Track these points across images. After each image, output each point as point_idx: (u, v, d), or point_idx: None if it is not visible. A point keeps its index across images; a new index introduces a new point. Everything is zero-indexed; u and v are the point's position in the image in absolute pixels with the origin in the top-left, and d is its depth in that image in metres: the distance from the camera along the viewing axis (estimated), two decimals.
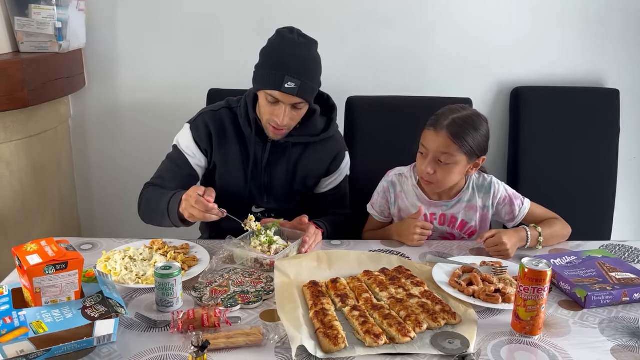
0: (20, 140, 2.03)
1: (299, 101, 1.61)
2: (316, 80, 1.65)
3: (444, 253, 1.61)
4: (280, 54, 1.60)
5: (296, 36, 1.61)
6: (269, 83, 1.59)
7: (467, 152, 1.59)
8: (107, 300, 1.13)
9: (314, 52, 1.64)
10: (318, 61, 1.66)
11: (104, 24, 2.30)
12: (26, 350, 1.03)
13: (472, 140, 1.58)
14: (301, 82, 1.57)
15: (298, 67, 1.58)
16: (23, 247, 1.15)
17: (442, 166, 1.60)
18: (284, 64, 1.58)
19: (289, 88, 1.57)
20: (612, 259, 1.51)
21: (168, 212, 1.56)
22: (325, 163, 1.81)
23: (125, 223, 2.53)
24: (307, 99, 1.62)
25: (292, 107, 1.62)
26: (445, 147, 1.58)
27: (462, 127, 1.58)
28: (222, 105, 1.78)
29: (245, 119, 1.72)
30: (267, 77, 1.60)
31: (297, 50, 1.60)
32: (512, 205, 1.71)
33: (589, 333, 1.21)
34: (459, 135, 1.57)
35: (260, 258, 1.47)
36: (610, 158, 2.38)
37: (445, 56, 2.37)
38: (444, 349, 1.12)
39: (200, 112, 1.78)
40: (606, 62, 2.42)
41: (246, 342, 1.13)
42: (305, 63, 1.60)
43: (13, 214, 2.04)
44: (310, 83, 1.60)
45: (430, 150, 1.60)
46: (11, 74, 1.83)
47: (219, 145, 1.74)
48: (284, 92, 1.58)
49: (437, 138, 1.59)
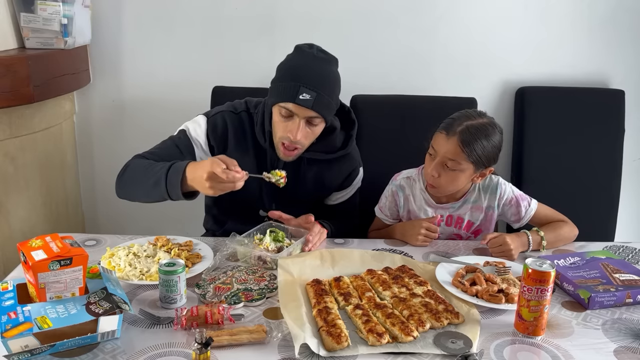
0: (25, 136, 2.04)
1: (314, 115, 1.53)
2: (334, 96, 1.57)
3: (448, 252, 1.61)
4: (297, 67, 1.55)
5: (315, 51, 1.56)
6: (283, 95, 1.52)
7: (474, 161, 1.57)
8: (111, 296, 1.13)
9: (333, 68, 1.58)
10: (337, 78, 1.59)
11: (110, 20, 2.31)
12: (30, 345, 1.03)
13: (481, 150, 1.56)
14: (317, 94, 1.50)
15: (314, 79, 1.51)
16: (28, 243, 1.15)
17: (448, 171, 1.60)
18: (299, 75, 1.51)
19: (304, 100, 1.49)
20: (616, 260, 1.50)
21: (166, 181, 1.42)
22: (338, 180, 1.76)
23: (129, 219, 2.54)
24: (322, 113, 1.54)
25: (307, 122, 1.55)
26: (453, 154, 1.57)
27: (473, 136, 1.55)
28: (243, 109, 1.70)
29: (261, 129, 1.66)
30: (282, 90, 1.53)
31: (314, 63, 1.54)
32: (518, 206, 1.71)
33: (592, 334, 1.21)
34: (469, 143, 1.55)
35: (264, 256, 1.47)
36: (614, 159, 2.37)
37: (450, 55, 2.36)
38: (446, 349, 1.12)
39: (220, 110, 1.70)
40: (611, 62, 2.42)
41: (249, 340, 1.13)
42: (323, 76, 1.54)
43: (18, 210, 2.05)
44: (326, 97, 1.53)
45: (439, 154, 1.60)
46: (17, 69, 1.83)
47: (236, 148, 1.67)
48: (298, 104, 1.50)
49: (447, 143, 1.57)
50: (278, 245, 1.52)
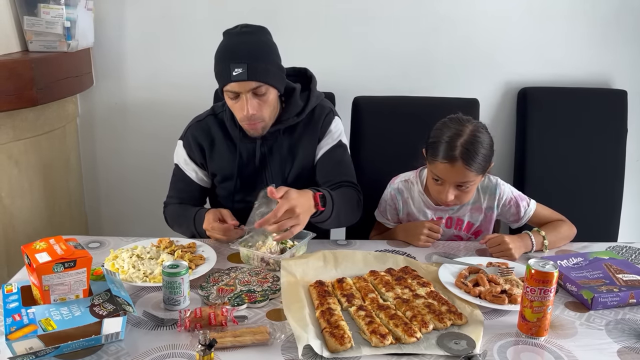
0: (29, 139, 2.05)
1: (255, 85, 1.53)
2: (269, 60, 1.57)
3: (450, 253, 1.61)
4: (224, 49, 1.57)
5: (239, 28, 1.59)
6: (221, 79, 1.56)
7: (482, 169, 1.59)
8: (115, 298, 1.14)
9: (260, 37, 1.59)
10: (267, 43, 1.60)
11: (112, 23, 2.31)
12: (35, 347, 1.04)
13: (483, 159, 1.57)
14: (248, 65, 1.51)
15: (241, 52, 1.53)
16: (32, 245, 1.16)
17: (463, 190, 1.61)
18: (228, 55, 1.54)
19: (237, 74, 1.51)
20: (619, 260, 1.50)
21: (198, 234, 1.66)
22: (315, 133, 1.73)
23: (132, 221, 2.55)
24: (262, 80, 1.54)
25: (253, 94, 1.55)
26: (463, 177, 1.57)
27: (474, 151, 1.55)
28: (208, 113, 1.76)
29: (232, 123, 1.70)
30: (218, 75, 1.57)
31: (239, 38, 1.57)
32: (517, 207, 1.71)
33: (595, 335, 1.21)
34: (474, 159, 1.55)
35: (267, 257, 1.47)
36: (617, 159, 2.36)
37: (452, 56, 2.36)
38: (450, 350, 1.12)
39: (188, 126, 1.76)
40: (614, 62, 2.41)
41: (253, 341, 1.13)
42: (249, 47, 1.55)
43: (22, 212, 2.06)
44: (260, 64, 1.53)
45: (448, 181, 1.60)
46: (20, 72, 1.84)
47: (211, 155, 1.72)
48: (234, 81, 1.52)
49: (453, 170, 1.57)
50: (281, 247, 1.52)
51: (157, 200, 1.89)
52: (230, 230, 1.56)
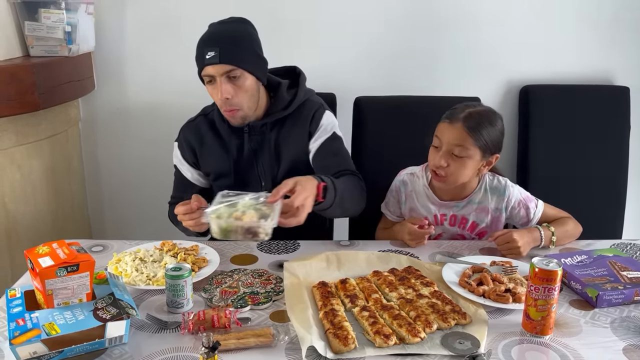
0: (32, 144, 2.05)
1: (229, 68, 1.53)
2: (244, 45, 1.57)
3: (454, 253, 1.60)
4: (202, 36, 1.59)
5: (219, 21, 1.61)
6: (197, 65, 1.58)
7: (481, 146, 1.57)
8: (118, 301, 1.14)
9: (238, 25, 1.61)
10: (244, 30, 1.60)
11: (113, 27, 2.32)
12: (39, 351, 1.04)
13: (487, 135, 1.57)
14: (220, 48, 1.51)
15: (215, 36, 1.55)
16: (35, 250, 1.16)
17: (456, 159, 1.59)
18: (203, 41, 1.56)
19: (210, 57, 1.52)
20: (624, 257, 1.49)
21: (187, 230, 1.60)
22: (305, 127, 1.70)
23: (135, 224, 2.55)
24: (235, 63, 1.53)
25: (228, 78, 1.55)
26: (460, 140, 1.57)
27: (478, 121, 1.57)
28: (199, 114, 1.78)
29: (220, 119, 1.71)
30: (196, 62, 1.58)
31: (217, 26, 1.59)
32: (527, 209, 1.69)
33: (600, 332, 1.20)
34: (475, 128, 1.56)
35: (254, 226, 1.30)
36: (620, 156, 2.36)
37: (453, 55, 2.36)
38: (454, 349, 1.12)
39: (181, 128, 1.78)
40: (615, 59, 2.40)
41: (256, 343, 1.13)
42: (224, 32, 1.56)
43: (25, 217, 2.06)
44: (233, 48, 1.53)
45: (444, 143, 1.59)
46: (22, 78, 1.84)
47: (202, 154, 1.74)
48: (207, 64, 1.53)
49: (452, 130, 1.58)
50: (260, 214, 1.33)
51: (160, 203, 1.89)
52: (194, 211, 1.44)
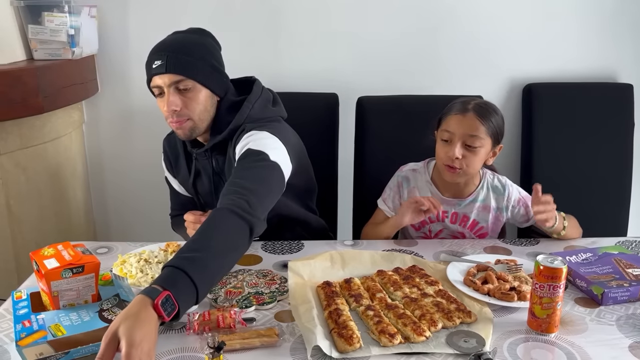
0: (36, 146, 2.06)
1: (177, 78, 1.44)
2: (194, 55, 1.47)
3: (458, 252, 1.60)
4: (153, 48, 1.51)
5: (175, 31, 1.55)
6: (146, 75, 1.50)
7: (492, 134, 1.60)
8: (123, 302, 1.14)
9: (191, 35, 1.53)
10: (197, 40, 1.51)
11: (116, 30, 2.32)
12: (45, 353, 1.04)
13: (495, 122, 1.61)
14: (167, 56, 1.43)
15: (163, 47, 1.47)
16: (40, 252, 1.17)
17: (470, 150, 1.60)
18: (152, 50, 1.49)
19: (156, 67, 1.44)
20: (629, 255, 1.49)
21: None
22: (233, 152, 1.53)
23: (139, 226, 2.56)
24: (183, 73, 1.44)
25: (177, 90, 1.46)
26: (474, 129, 1.58)
27: (486, 109, 1.61)
28: None
29: None
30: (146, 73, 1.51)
31: (169, 37, 1.52)
32: (527, 207, 1.69)
33: (606, 330, 1.20)
34: (486, 116, 1.59)
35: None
36: (625, 153, 2.35)
37: (455, 54, 2.36)
38: (459, 348, 1.12)
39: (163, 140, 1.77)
40: (619, 56, 2.40)
41: (261, 343, 1.13)
42: (174, 41, 1.49)
43: (30, 219, 2.07)
44: (183, 57, 1.44)
45: (458, 135, 1.59)
46: (26, 81, 1.85)
47: (176, 167, 1.72)
48: (154, 75, 1.46)
49: (465, 120, 1.59)
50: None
51: (165, 205, 1.90)
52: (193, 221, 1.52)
